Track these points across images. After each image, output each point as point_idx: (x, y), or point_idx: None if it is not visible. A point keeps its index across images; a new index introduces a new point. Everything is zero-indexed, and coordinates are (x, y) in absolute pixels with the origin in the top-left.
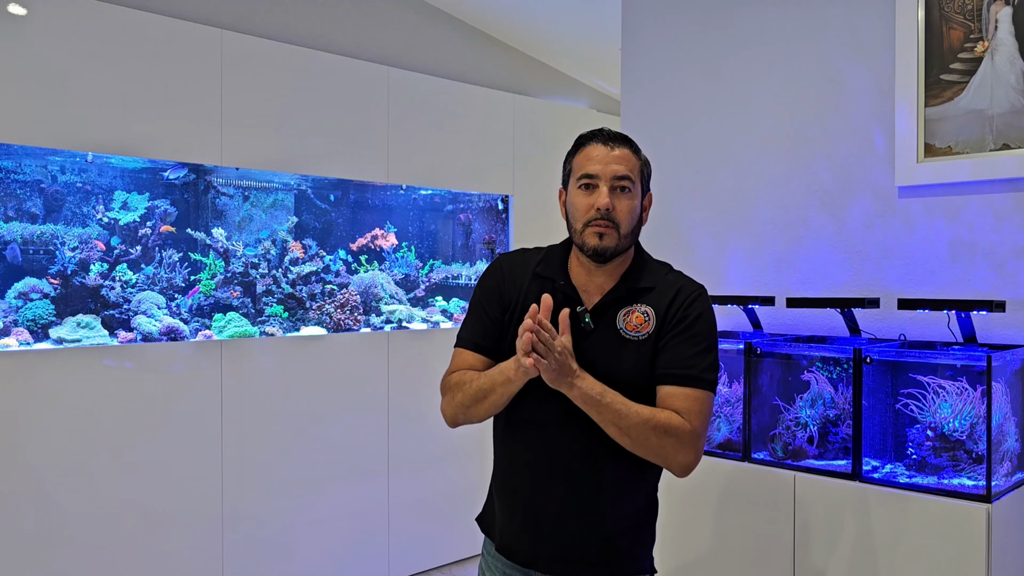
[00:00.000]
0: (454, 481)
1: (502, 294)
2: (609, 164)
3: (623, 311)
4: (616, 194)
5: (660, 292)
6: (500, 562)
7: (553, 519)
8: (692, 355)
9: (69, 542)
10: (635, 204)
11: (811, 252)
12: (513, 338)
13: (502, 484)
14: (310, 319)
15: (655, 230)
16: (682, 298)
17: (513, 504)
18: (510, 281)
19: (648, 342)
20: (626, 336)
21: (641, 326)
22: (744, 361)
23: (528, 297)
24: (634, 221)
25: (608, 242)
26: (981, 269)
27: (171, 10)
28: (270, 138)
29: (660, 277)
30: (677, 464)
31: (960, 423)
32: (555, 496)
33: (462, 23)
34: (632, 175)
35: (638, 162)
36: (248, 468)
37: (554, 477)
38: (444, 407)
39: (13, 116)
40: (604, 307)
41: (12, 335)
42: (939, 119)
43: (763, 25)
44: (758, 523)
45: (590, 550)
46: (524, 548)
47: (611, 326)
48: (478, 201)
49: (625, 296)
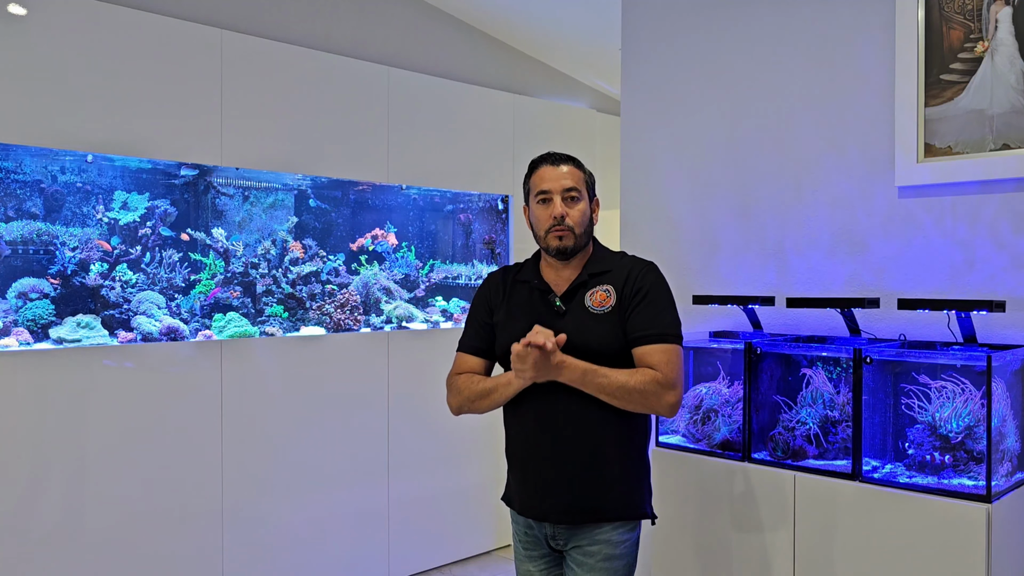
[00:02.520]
0: (454, 481)
1: (488, 302)
2: (559, 180)
3: (588, 292)
4: (567, 203)
5: (616, 272)
6: (520, 523)
7: (557, 476)
8: (654, 317)
9: (69, 542)
10: (584, 208)
11: (811, 252)
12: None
13: (512, 453)
14: (310, 319)
15: (655, 229)
16: (636, 273)
17: (524, 468)
18: (494, 292)
19: (612, 313)
20: (593, 311)
21: (604, 301)
22: (744, 361)
23: (510, 299)
24: (585, 222)
25: (567, 242)
26: (981, 269)
27: (171, 10)
28: (270, 138)
29: (615, 261)
30: (662, 408)
31: (960, 423)
32: (558, 456)
33: (462, 23)
34: (578, 186)
35: (582, 175)
36: (248, 468)
37: (555, 440)
38: (450, 400)
39: (13, 116)
40: (572, 292)
41: (12, 335)
42: (939, 119)
43: (763, 25)
44: (758, 523)
45: (593, 499)
46: (537, 504)
47: (580, 306)
48: (478, 201)
49: (587, 280)
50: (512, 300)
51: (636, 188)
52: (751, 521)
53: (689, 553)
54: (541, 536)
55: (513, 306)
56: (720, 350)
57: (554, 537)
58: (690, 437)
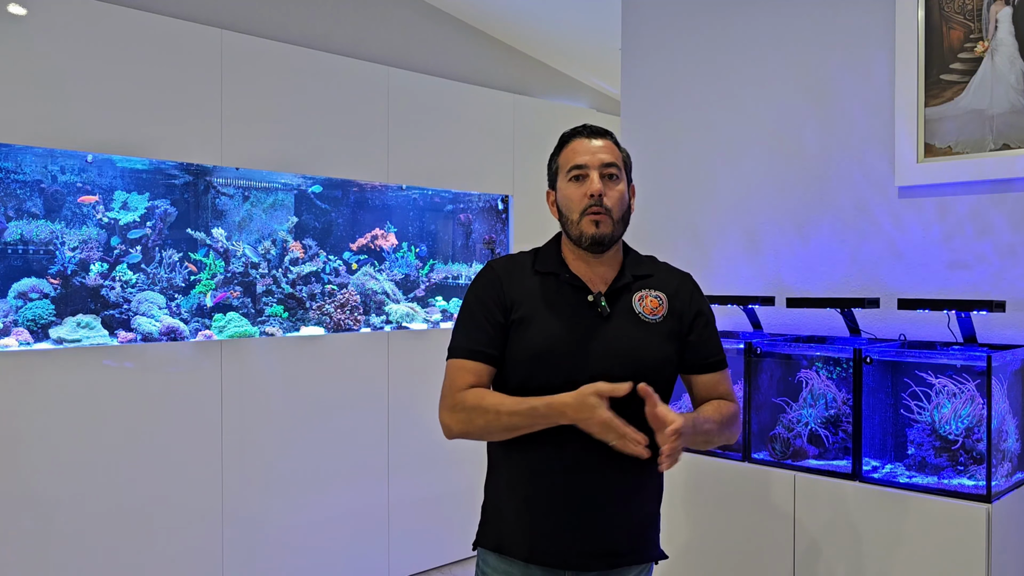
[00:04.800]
0: (454, 481)
1: (501, 298)
2: (596, 154)
3: (636, 296)
4: (605, 181)
5: (660, 279)
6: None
7: (584, 517)
8: (716, 342)
9: (69, 542)
10: (623, 191)
11: (811, 252)
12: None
13: (523, 491)
14: (310, 319)
15: (655, 229)
16: (686, 288)
17: (545, 508)
18: (509, 283)
19: (664, 324)
20: (644, 319)
21: (656, 309)
22: (744, 361)
23: (535, 294)
24: (624, 207)
25: (604, 229)
26: (981, 269)
27: (171, 10)
28: (270, 138)
29: (654, 266)
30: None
31: (960, 423)
32: (586, 494)
33: (462, 23)
34: (618, 163)
35: (620, 153)
36: (248, 468)
37: (583, 476)
38: (451, 423)
39: (13, 116)
40: (617, 292)
41: (12, 335)
42: (939, 119)
43: (763, 25)
44: (758, 523)
45: (620, 541)
46: (556, 550)
47: (628, 310)
48: (478, 201)
49: (632, 282)
50: (532, 295)
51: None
52: (751, 521)
53: (689, 553)
54: None
55: (535, 301)
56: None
57: None
58: None
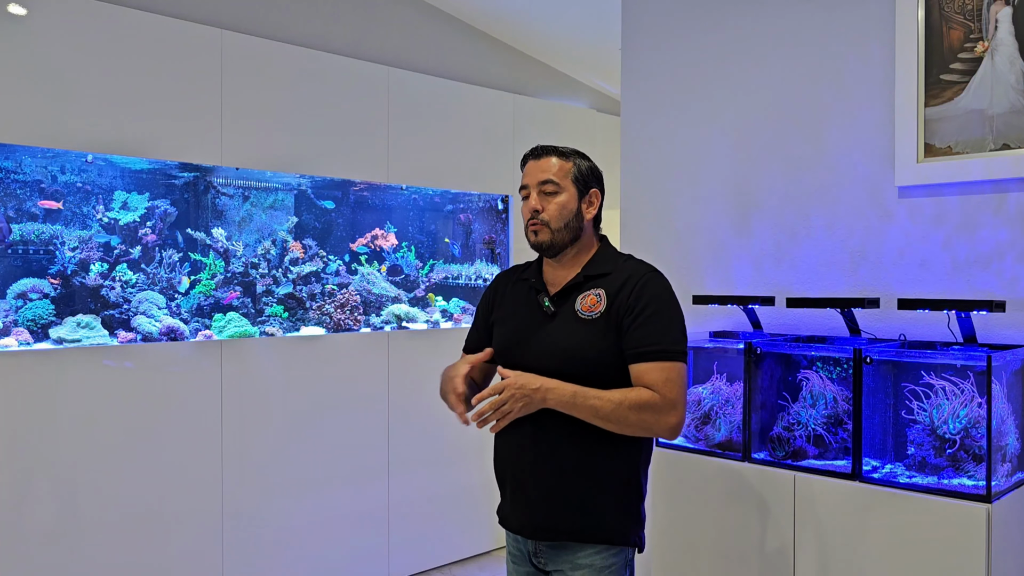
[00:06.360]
0: (454, 481)
1: (490, 301)
2: (535, 174)
3: (580, 295)
4: (543, 197)
5: (614, 276)
6: (509, 535)
7: (536, 493)
8: (653, 333)
9: (69, 542)
10: (564, 201)
11: (811, 252)
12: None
13: (496, 467)
14: (310, 319)
15: (655, 229)
16: (633, 282)
17: (506, 483)
18: (499, 290)
19: (600, 320)
20: (581, 316)
21: (594, 306)
22: (744, 361)
23: (509, 299)
24: (566, 216)
25: (542, 237)
26: (981, 269)
27: (171, 10)
28: (270, 138)
29: (618, 264)
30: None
31: (960, 423)
32: (537, 473)
33: (462, 23)
34: (556, 178)
35: (569, 165)
36: (248, 468)
37: (536, 457)
38: None
39: (13, 116)
40: (565, 293)
41: (12, 335)
42: (939, 119)
43: (763, 25)
44: (758, 523)
45: (570, 519)
46: (517, 518)
47: (570, 309)
48: (478, 201)
49: (582, 283)
50: (508, 299)
51: (636, 188)
52: (751, 521)
53: (689, 553)
54: (525, 551)
55: (509, 305)
56: (720, 350)
57: (536, 555)
58: (690, 437)
